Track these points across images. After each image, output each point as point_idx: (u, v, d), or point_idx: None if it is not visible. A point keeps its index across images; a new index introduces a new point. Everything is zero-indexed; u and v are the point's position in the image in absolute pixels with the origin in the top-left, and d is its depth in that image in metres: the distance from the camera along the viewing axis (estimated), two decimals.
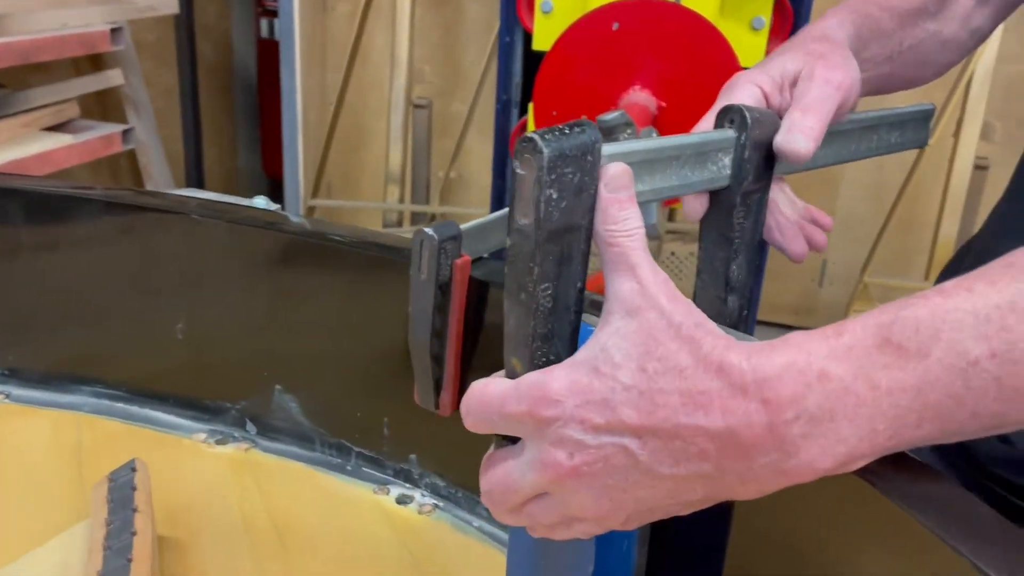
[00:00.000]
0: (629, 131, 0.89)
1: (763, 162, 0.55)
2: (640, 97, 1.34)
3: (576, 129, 0.45)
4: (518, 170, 0.44)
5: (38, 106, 1.90)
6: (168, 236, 0.75)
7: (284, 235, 0.71)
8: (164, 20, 2.51)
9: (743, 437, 0.40)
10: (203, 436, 0.75)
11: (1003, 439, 0.72)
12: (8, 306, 0.80)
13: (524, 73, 1.56)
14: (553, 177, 0.43)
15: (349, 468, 0.72)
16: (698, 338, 0.42)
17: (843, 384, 0.39)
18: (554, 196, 0.44)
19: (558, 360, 0.46)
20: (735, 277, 0.58)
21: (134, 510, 0.56)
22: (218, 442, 0.75)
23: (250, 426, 0.75)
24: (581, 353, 0.44)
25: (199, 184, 2.77)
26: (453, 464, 0.69)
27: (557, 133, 0.45)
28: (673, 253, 2.37)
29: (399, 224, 2.60)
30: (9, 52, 1.70)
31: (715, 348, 0.41)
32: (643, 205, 0.87)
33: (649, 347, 0.42)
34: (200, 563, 0.61)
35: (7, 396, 0.79)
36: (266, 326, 0.74)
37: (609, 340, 0.43)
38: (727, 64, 1.32)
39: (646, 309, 0.43)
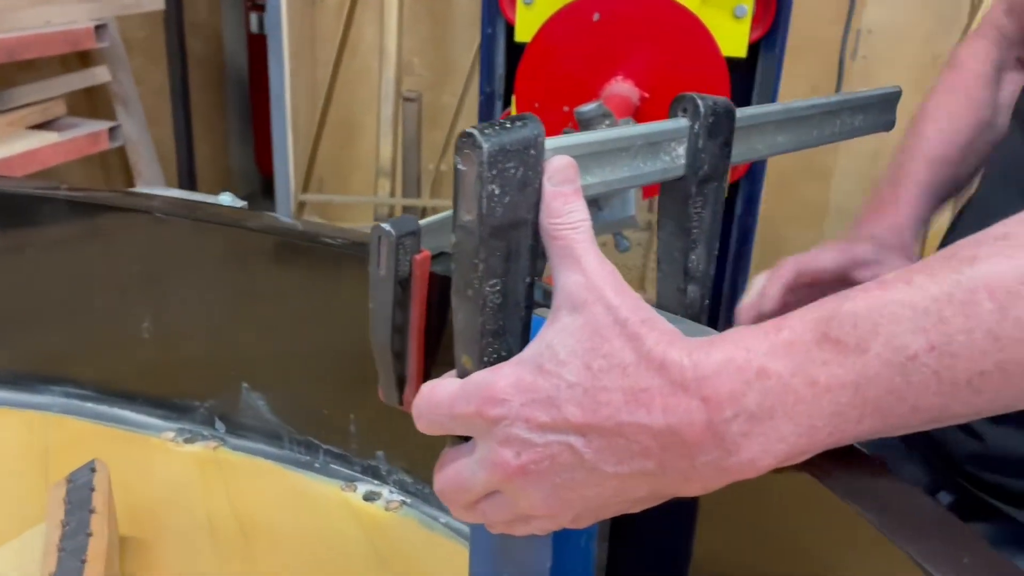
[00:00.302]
0: (608, 122, 0.89)
1: (719, 151, 0.55)
2: (622, 88, 1.33)
3: (518, 123, 0.44)
4: (459, 166, 0.44)
5: (24, 104, 1.89)
6: (131, 235, 0.74)
7: (248, 232, 0.71)
8: (154, 17, 2.50)
9: (684, 435, 0.40)
10: (171, 435, 0.75)
11: (973, 434, 0.72)
12: None
13: (508, 65, 1.55)
14: (494, 172, 0.43)
15: (317, 465, 0.72)
16: (642, 334, 0.41)
17: (782, 381, 0.39)
18: (496, 191, 0.43)
19: (509, 356, 0.45)
20: (695, 267, 0.57)
21: (91, 511, 0.55)
22: (186, 440, 0.74)
23: (219, 424, 0.75)
24: (528, 350, 0.44)
25: (191, 181, 2.76)
26: (420, 460, 0.68)
27: (498, 128, 0.44)
28: None
29: (391, 218, 2.59)
30: None
31: (658, 344, 0.40)
32: (622, 196, 0.87)
33: (594, 344, 0.41)
34: (163, 562, 0.61)
35: None
36: (231, 324, 0.74)
37: (555, 337, 0.43)
38: (709, 53, 1.31)
39: (592, 303, 0.42)
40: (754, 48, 1.43)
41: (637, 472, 0.41)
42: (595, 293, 0.42)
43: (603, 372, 0.41)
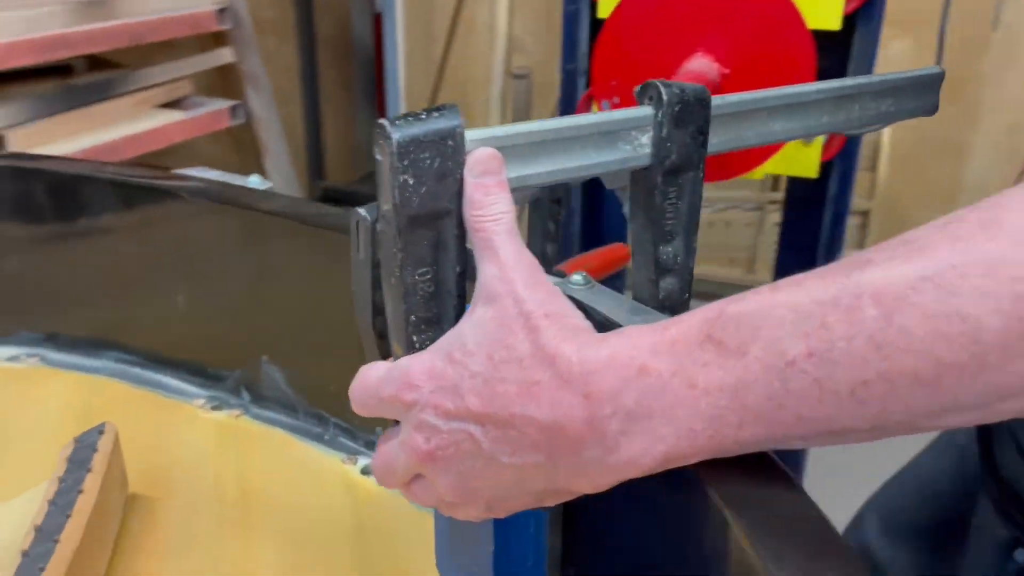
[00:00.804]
0: None
1: (691, 140, 0.53)
2: (701, 64, 1.29)
3: (435, 114, 0.44)
4: (376, 156, 0.45)
5: (152, 85, 2.02)
6: (166, 213, 0.79)
7: (265, 215, 0.74)
8: None
9: (567, 431, 0.40)
10: (202, 402, 0.80)
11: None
12: (46, 277, 0.87)
13: (591, 42, 1.53)
14: (406, 163, 0.43)
15: (327, 438, 0.75)
16: (541, 328, 0.41)
17: (661, 380, 0.38)
18: (410, 182, 0.44)
19: None
20: (669, 260, 0.56)
21: (88, 470, 0.60)
22: (214, 408, 0.79)
23: (244, 394, 0.79)
24: (443, 339, 0.45)
25: (318, 157, 2.88)
26: None
27: (412, 118, 0.45)
28: (776, 224, 2.28)
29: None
30: (118, 34, 1.82)
31: (553, 338, 0.40)
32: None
33: (500, 335, 0.42)
34: (165, 521, 0.65)
35: (42, 359, 0.86)
36: (252, 300, 0.77)
37: (468, 328, 0.43)
38: (794, 26, 1.26)
39: (503, 296, 0.42)
40: (850, 20, 1.36)
41: (530, 464, 0.41)
42: (507, 286, 0.42)
43: (503, 363, 0.41)
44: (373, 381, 0.47)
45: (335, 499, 0.68)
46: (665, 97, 0.51)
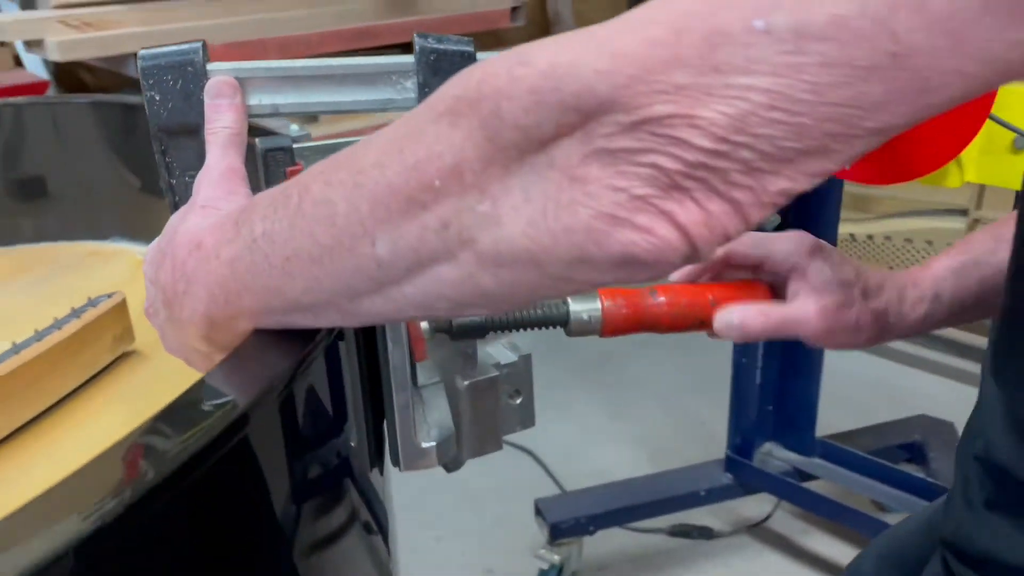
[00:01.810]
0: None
1: None
2: None
3: (183, 45, 0.57)
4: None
5: None
6: None
7: None
8: None
9: (166, 292, 0.50)
10: None
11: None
12: None
13: None
14: (151, 82, 0.57)
15: None
16: (186, 210, 0.52)
17: (206, 253, 0.47)
18: (157, 98, 0.57)
19: None
20: None
21: (77, 317, 0.80)
22: None
23: None
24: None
25: None
26: None
27: (161, 48, 0.57)
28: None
29: None
30: (417, 27, 2.11)
31: (186, 220, 0.51)
32: None
33: (176, 219, 0.54)
34: (155, 369, 0.83)
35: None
36: None
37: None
38: None
39: (195, 188, 0.54)
40: None
41: (168, 319, 0.52)
42: (198, 182, 0.54)
43: (168, 239, 0.53)
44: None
45: None
46: (417, 47, 0.58)
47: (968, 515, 0.54)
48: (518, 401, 0.68)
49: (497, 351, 0.68)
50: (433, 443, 0.58)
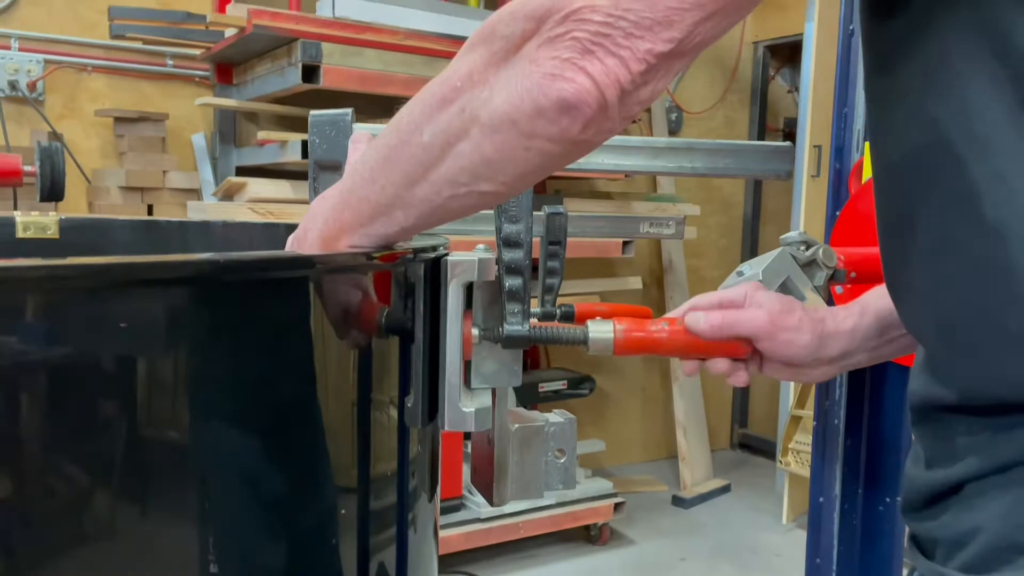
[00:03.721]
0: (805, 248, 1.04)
1: None
2: None
3: (340, 110, 0.84)
4: None
5: None
6: None
7: None
8: None
9: (300, 232, 0.72)
10: None
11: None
12: None
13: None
14: (315, 130, 0.83)
15: None
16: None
17: (326, 194, 0.68)
18: (316, 141, 0.83)
19: None
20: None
21: None
22: None
23: None
24: None
25: None
26: None
27: (325, 111, 0.84)
28: None
29: None
30: None
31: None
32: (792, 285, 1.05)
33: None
34: None
35: None
36: None
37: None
38: None
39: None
40: None
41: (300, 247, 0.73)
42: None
43: (311, 218, 0.74)
44: None
45: None
46: None
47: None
48: (562, 461, 0.76)
49: (548, 414, 0.78)
50: (472, 408, 0.68)
